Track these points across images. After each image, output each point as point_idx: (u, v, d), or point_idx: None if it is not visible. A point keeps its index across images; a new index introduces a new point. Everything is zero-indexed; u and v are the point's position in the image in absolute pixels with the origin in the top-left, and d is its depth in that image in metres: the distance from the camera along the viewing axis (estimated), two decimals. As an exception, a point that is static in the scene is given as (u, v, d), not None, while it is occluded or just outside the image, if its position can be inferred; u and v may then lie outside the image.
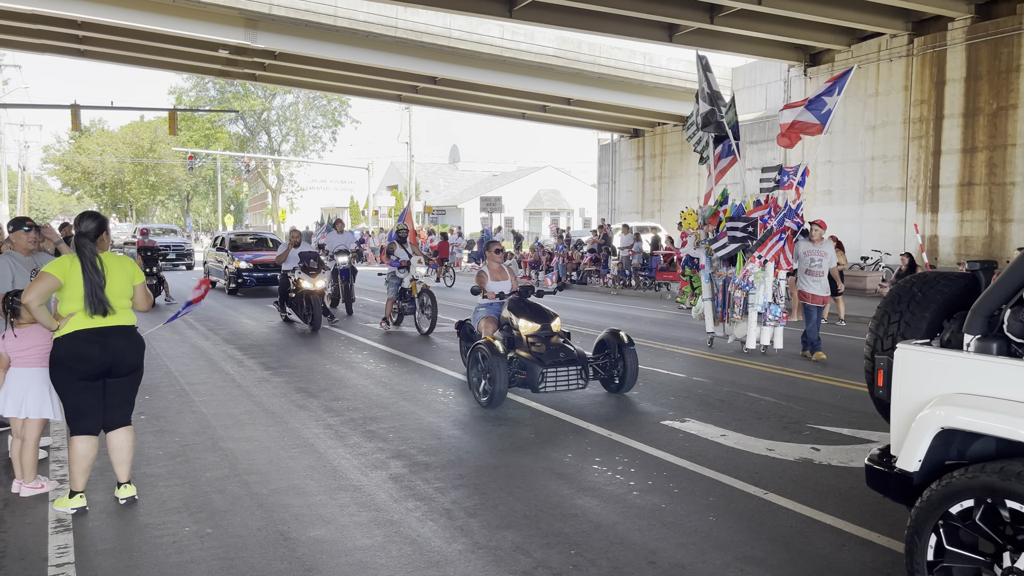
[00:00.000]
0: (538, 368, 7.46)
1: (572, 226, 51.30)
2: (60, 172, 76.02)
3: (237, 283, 19.57)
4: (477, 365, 7.69)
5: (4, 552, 4.37)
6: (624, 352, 7.98)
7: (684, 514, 4.92)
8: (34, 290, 4.71)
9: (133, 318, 5.04)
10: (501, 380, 7.30)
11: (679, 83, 28.63)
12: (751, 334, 10.60)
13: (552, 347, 7.74)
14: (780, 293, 10.61)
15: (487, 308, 8.67)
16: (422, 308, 12.85)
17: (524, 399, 8.03)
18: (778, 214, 10.41)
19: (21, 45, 27.66)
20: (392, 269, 13.18)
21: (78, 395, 4.83)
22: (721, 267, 11.06)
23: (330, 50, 24.64)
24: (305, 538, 4.54)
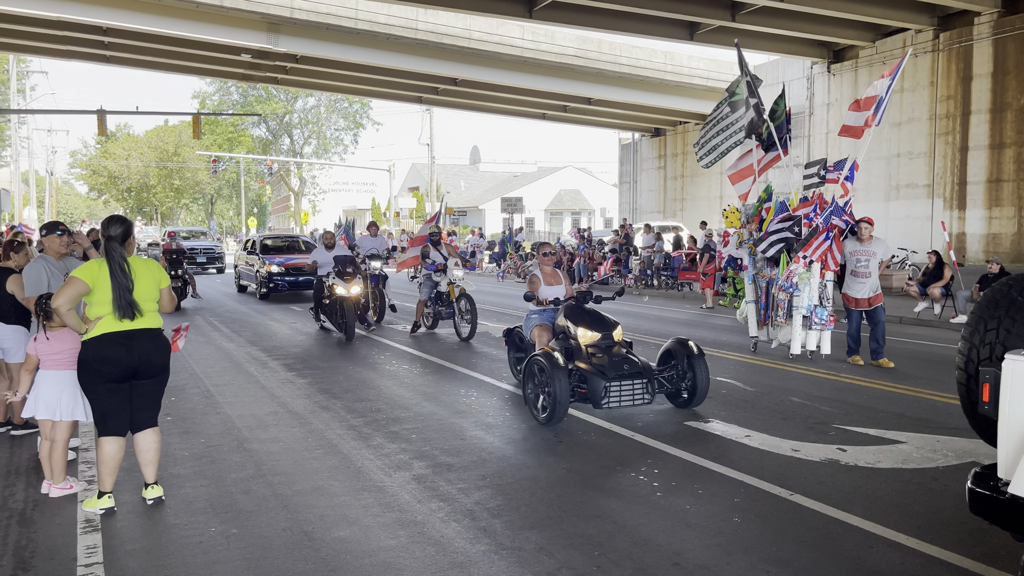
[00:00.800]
0: (600, 382, 6.77)
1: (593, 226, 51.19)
2: (87, 177, 77.06)
3: (268, 287, 19.02)
4: (534, 379, 7.06)
5: (34, 552, 4.43)
6: (694, 363, 7.29)
7: (709, 515, 4.88)
8: (63, 294, 4.77)
9: (159, 321, 5.09)
10: (562, 395, 6.62)
11: (700, 81, 28.48)
12: (795, 339, 10.03)
13: (615, 358, 7.03)
14: (827, 295, 9.96)
15: (540, 315, 8.11)
16: (461, 313, 12.30)
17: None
18: (824, 211, 9.82)
19: (48, 51, 28.10)
20: (428, 272, 12.65)
21: (105, 397, 4.88)
22: (765, 268, 10.51)
23: (351, 53, 24.78)
24: (330, 539, 4.56)
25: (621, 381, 6.82)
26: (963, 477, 5.53)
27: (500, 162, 73.84)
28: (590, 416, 7.35)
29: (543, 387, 6.89)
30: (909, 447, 6.27)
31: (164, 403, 7.87)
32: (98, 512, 4.92)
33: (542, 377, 6.89)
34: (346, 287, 12.34)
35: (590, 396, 6.87)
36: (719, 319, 15.19)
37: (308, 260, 13.88)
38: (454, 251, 13.37)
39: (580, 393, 6.97)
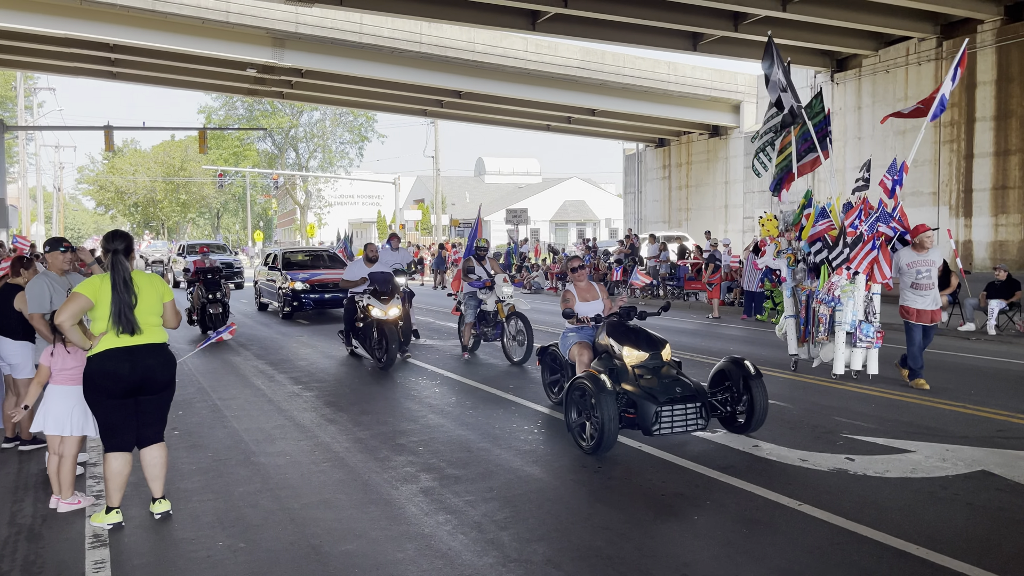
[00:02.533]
0: (651, 406, 6.21)
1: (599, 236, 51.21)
2: (94, 192, 77.53)
3: (292, 306, 17.08)
4: (578, 404, 6.50)
5: (42, 568, 4.44)
6: (751, 385, 6.65)
7: (717, 526, 4.86)
8: (66, 310, 4.79)
9: (164, 336, 5.08)
10: (610, 421, 6.06)
11: (704, 92, 28.55)
12: (839, 357, 9.23)
13: (665, 380, 6.47)
14: (873, 309, 9.19)
15: (578, 332, 7.57)
16: (513, 334, 11.05)
17: (546, 409, 8.00)
18: (869, 217, 8.97)
19: (55, 68, 28.32)
20: (473, 290, 11.53)
21: (110, 412, 4.89)
22: (805, 280, 9.75)
23: (356, 66, 24.92)
24: (337, 552, 4.55)
25: (673, 405, 6.26)
26: (972, 486, 5.51)
27: (505, 173, 74.01)
28: (597, 427, 7.32)
29: (589, 413, 6.34)
30: (918, 456, 6.24)
31: (171, 417, 7.88)
32: (106, 527, 4.93)
33: (587, 402, 6.34)
34: (383, 308, 10.87)
35: (639, 422, 6.31)
36: (728, 329, 15.16)
37: (355, 276, 11.66)
38: (499, 267, 12.20)
39: (627, 418, 6.38)
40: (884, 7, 19.21)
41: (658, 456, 6.36)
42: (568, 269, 8.02)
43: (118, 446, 4.94)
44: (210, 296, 14.13)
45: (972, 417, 7.58)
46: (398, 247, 13.67)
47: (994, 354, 11.58)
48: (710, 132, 31.78)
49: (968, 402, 8.20)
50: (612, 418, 6.07)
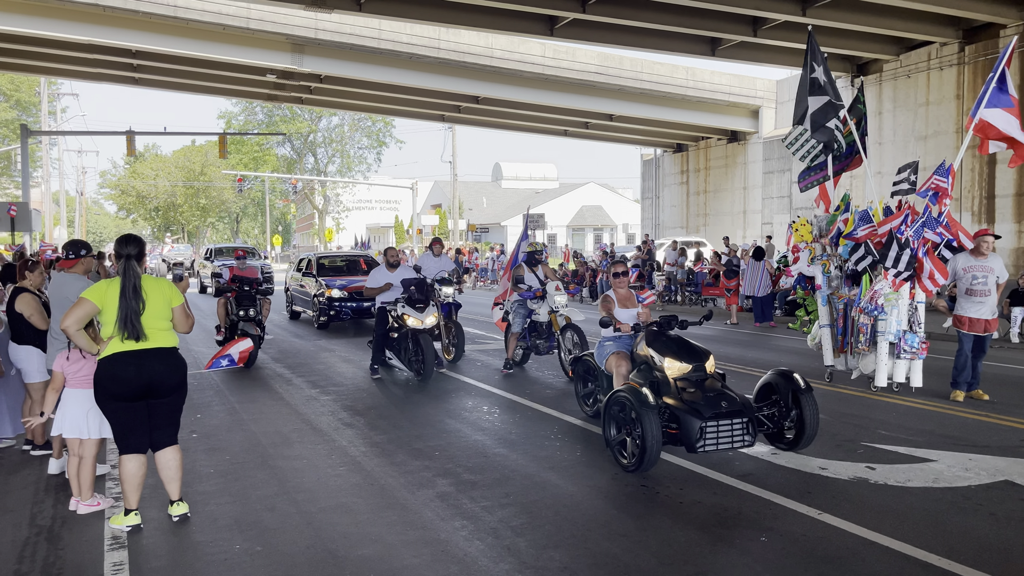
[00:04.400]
0: (695, 421, 5.84)
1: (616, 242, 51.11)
2: (116, 196, 78.32)
3: (328, 315, 15.78)
4: (617, 418, 6.19)
5: (62, 569, 4.47)
6: (800, 399, 6.23)
7: (735, 534, 4.82)
8: (72, 315, 4.82)
9: (173, 340, 5.06)
10: (653, 437, 5.73)
11: (723, 97, 28.45)
12: (881, 369, 8.76)
13: (709, 393, 6.09)
14: (918, 319, 8.75)
15: (615, 342, 7.20)
16: (569, 348, 10.18)
17: (563, 414, 7.98)
18: (915, 223, 8.53)
19: (78, 74, 28.66)
20: (523, 299, 10.63)
21: (121, 416, 4.91)
22: (842, 287, 9.30)
23: (374, 72, 25.04)
24: (353, 556, 4.56)
25: (718, 420, 5.89)
26: (995, 496, 5.43)
27: (522, 179, 74.06)
28: (614, 433, 7.28)
29: (630, 429, 6.02)
30: (940, 465, 6.16)
31: (190, 420, 7.96)
32: (125, 529, 4.96)
33: (628, 417, 6.02)
34: (419, 317, 10.25)
35: (682, 438, 5.93)
36: (746, 336, 15.08)
37: (379, 283, 10.99)
38: (553, 273, 11.13)
39: (669, 434, 6.02)
40: (905, 12, 19.06)
41: (672, 462, 6.32)
42: (613, 275, 7.62)
43: (131, 448, 4.97)
44: (242, 313, 11.61)
45: (995, 426, 7.47)
46: (440, 253, 12.45)
47: (1018, 362, 11.42)
48: (728, 137, 31.65)
49: (991, 411, 8.08)
50: (655, 434, 5.74)
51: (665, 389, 6.23)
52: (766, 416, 6.42)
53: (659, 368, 6.40)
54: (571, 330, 10.13)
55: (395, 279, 10.85)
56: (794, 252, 10.11)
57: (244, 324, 11.51)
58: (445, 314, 11.60)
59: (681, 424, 5.93)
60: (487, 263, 33.87)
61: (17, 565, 4.51)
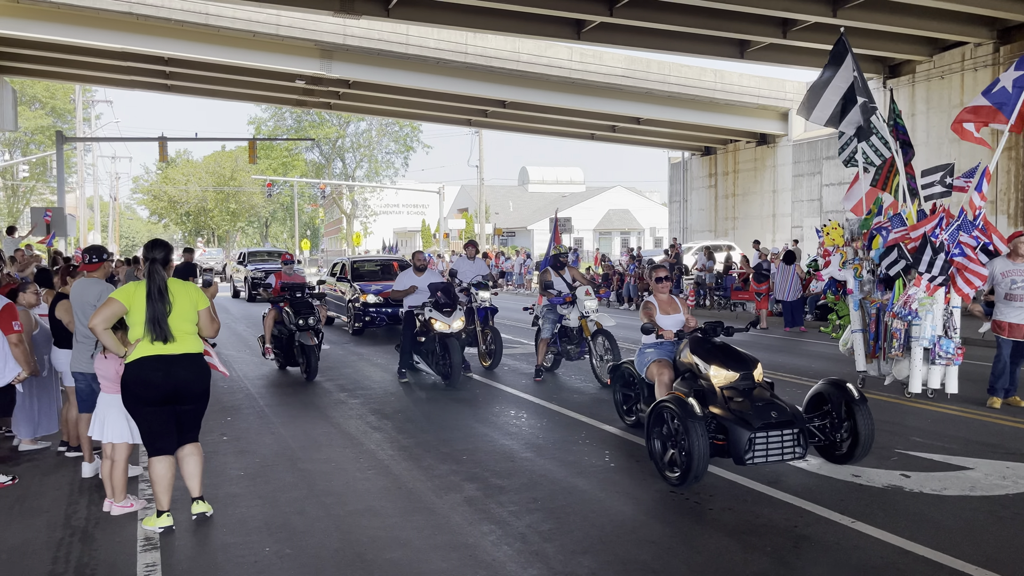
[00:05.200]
0: (744, 432, 5.56)
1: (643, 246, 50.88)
2: (148, 202, 79.50)
3: (364, 321, 15.44)
4: (662, 429, 5.90)
5: (95, 569, 4.53)
6: (854, 410, 5.95)
7: (766, 542, 4.75)
8: (100, 315, 4.90)
9: (199, 345, 5.13)
10: (700, 450, 5.43)
11: (751, 99, 28.20)
12: (915, 375, 8.53)
13: (758, 403, 5.79)
14: (953, 324, 8.54)
15: (656, 349, 6.91)
16: (600, 354, 10.00)
17: (591, 419, 7.94)
18: (950, 226, 8.34)
19: (112, 82, 29.17)
20: (552, 304, 10.44)
21: (149, 419, 4.99)
22: (875, 292, 9.11)
23: (402, 77, 25.16)
24: (381, 560, 4.56)
25: (768, 431, 5.61)
26: (1036, 506, 5.30)
27: (548, 182, 74.02)
28: (642, 439, 7.23)
29: (675, 440, 5.74)
30: (977, 473, 6.04)
31: (220, 423, 8.04)
32: (157, 530, 5.01)
33: (673, 427, 5.75)
34: (446, 321, 10.16)
35: (730, 449, 5.65)
36: (777, 341, 14.92)
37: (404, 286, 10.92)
38: (582, 277, 10.96)
39: (716, 446, 5.73)
40: (938, 12, 18.77)
41: (705, 469, 6.25)
42: (654, 279, 7.29)
43: (160, 450, 5.05)
44: (301, 322, 10.60)
45: (1034, 434, 7.31)
46: (475, 256, 12.31)
47: (1056, 368, 11.16)
48: (757, 140, 31.38)
49: (1029, 418, 7.91)
50: (702, 446, 5.44)
51: (711, 399, 5.94)
52: (817, 427, 6.15)
53: (704, 376, 6.12)
54: (602, 335, 9.95)
55: (422, 283, 10.79)
56: (825, 256, 9.92)
57: (301, 335, 10.51)
58: (481, 319, 11.44)
59: (729, 435, 5.66)
60: (511, 267, 33.86)
61: (52, 565, 4.57)
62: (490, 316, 11.63)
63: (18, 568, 4.55)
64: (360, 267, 17.64)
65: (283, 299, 11.10)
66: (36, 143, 51.72)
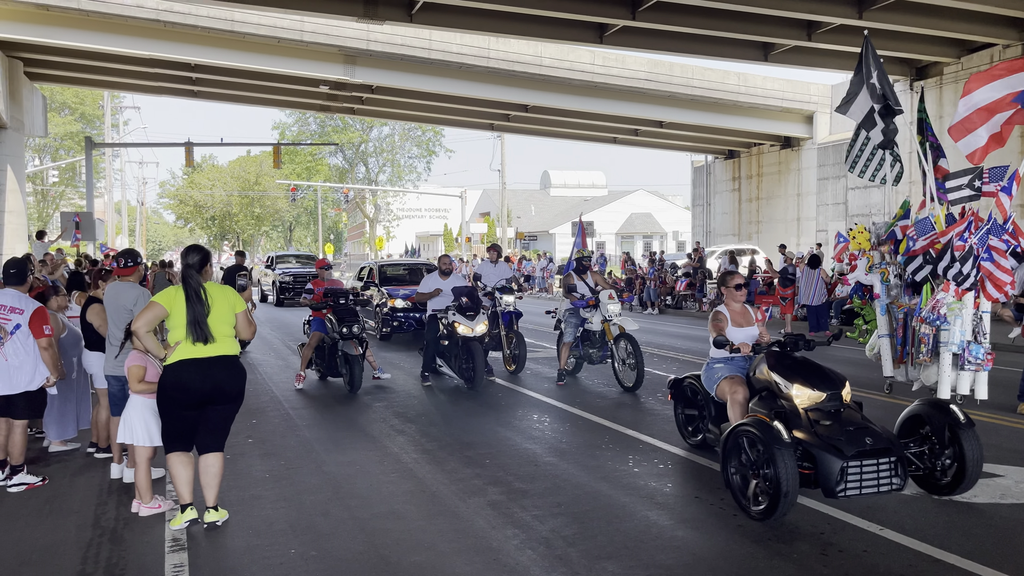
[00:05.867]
0: (835, 461, 4.94)
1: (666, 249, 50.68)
2: (174, 206, 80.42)
3: (392, 326, 15.14)
4: (741, 456, 5.31)
5: (124, 569, 4.58)
6: (960, 436, 5.31)
7: (793, 549, 4.71)
8: (142, 317, 5.01)
9: (236, 347, 5.23)
10: (789, 480, 4.85)
11: (775, 103, 28.01)
12: (944, 381, 8.31)
13: (849, 427, 5.15)
14: (983, 329, 8.31)
15: (727, 364, 6.32)
16: (622, 358, 9.99)
17: (614, 424, 7.92)
18: (979, 230, 8.14)
19: (140, 88, 29.58)
20: (575, 308, 10.39)
21: (177, 420, 5.08)
22: (902, 296, 8.94)
23: (424, 82, 25.28)
24: (406, 563, 4.58)
25: (863, 460, 4.99)
26: (1069, 514, 5.21)
27: (571, 186, 73.97)
28: (667, 445, 7.21)
29: (757, 468, 5.15)
30: (1008, 481, 5.94)
31: (246, 425, 8.11)
32: (184, 526, 5.09)
33: (755, 455, 5.17)
34: (470, 325, 10.18)
35: (819, 480, 5.03)
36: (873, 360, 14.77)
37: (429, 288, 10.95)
38: (604, 281, 10.97)
39: (801, 475, 5.11)
40: (966, 13, 18.53)
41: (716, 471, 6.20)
42: (728, 287, 6.56)
43: (178, 448, 5.13)
44: (345, 330, 10.04)
45: (1066, 441, 7.18)
46: (498, 260, 12.28)
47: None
48: (782, 143, 31.16)
49: (1061, 425, 7.78)
50: (791, 476, 4.88)
51: (794, 421, 5.28)
52: (915, 454, 5.51)
53: (785, 396, 5.47)
54: (624, 339, 9.90)
55: (446, 287, 10.81)
56: (851, 260, 9.79)
57: (344, 344, 9.99)
58: (506, 323, 11.41)
59: (817, 464, 5.02)
60: (531, 271, 33.86)
61: (82, 565, 4.64)
62: (514, 320, 11.57)
63: (49, 567, 4.62)
64: (388, 271, 17.40)
65: (326, 305, 10.53)
66: (66, 148, 52.54)
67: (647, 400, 9.31)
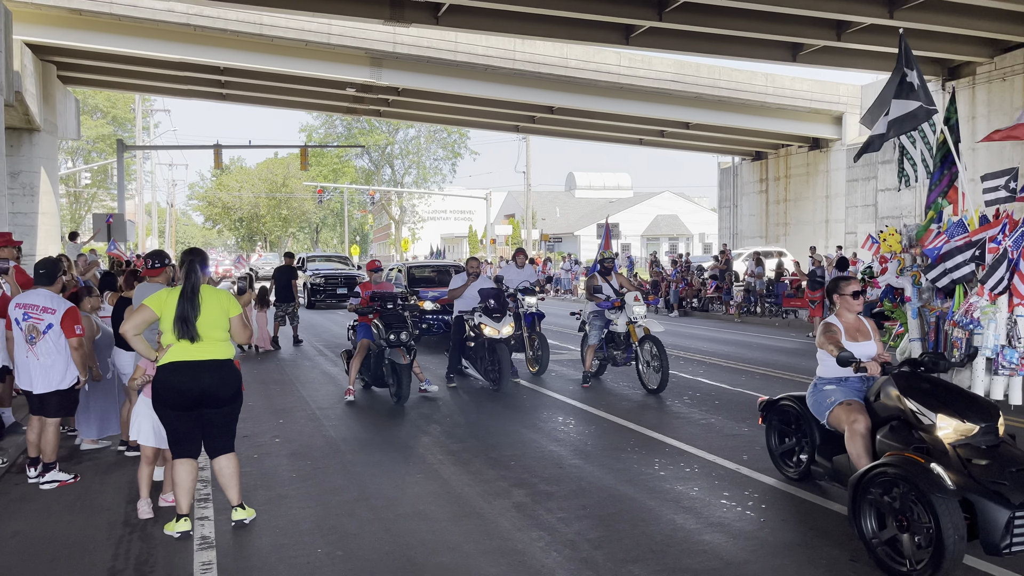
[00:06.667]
0: (1000, 511, 4.08)
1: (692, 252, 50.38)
2: (203, 208, 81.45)
3: (421, 329, 14.64)
4: (885, 505, 4.45)
5: (154, 566, 4.64)
6: None
7: (824, 556, 4.65)
8: (131, 320, 5.02)
9: (229, 351, 5.12)
10: (955, 534, 4.07)
11: (804, 103, 27.74)
12: (977, 386, 8.13)
13: (1011, 466, 4.28)
14: (1017, 333, 8.08)
15: (841, 387, 5.40)
16: (647, 360, 9.95)
17: (639, 426, 7.87)
18: (1014, 232, 7.97)
19: (170, 91, 29.98)
20: (600, 310, 10.38)
21: (174, 423, 5.01)
22: (934, 299, 8.78)
23: (450, 84, 25.37)
24: (432, 564, 4.58)
25: None
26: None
27: (596, 188, 73.79)
28: (693, 448, 7.15)
29: (906, 520, 4.32)
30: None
31: (273, 425, 8.17)
32: (175, 535, 5.01)
33: (904, 503, 4.33)
34: (496, 326, 10.12)
35: (979, 532, 4.15)
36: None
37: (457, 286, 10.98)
38: (629, 282, 10.95)
39: None
40: (999, 12, 18.22)
41: (757, 479, 6.14)
42: (843, 294, 5.63)
43: (182, 453, 5.06)
44: (392, 337, 9.28)
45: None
46: (524, 264, 12.18)
47: None
48: (810, 145, 30.85)
49: (1099, 431, 7.59)
50: (957, 530, 4.07)
51: (941, 460, 4.33)
52: None
53: (925, 428, 4.56)
54: (650, 341, 9.84)
55: (473, 288, 10.81)
56: (882, 263, 9.66)
57: (392, 352, 9.27)
58: (528, 324, 11.35)
59: (978, 513, 4.13)
60: (558, 273, 33.82)
61: (112, 562, 4.70)
62: (537, 322, 11.53)
63: (80, 563, 4.68)
64: (416, 273, 17.06)
65: (372, 310, 9.80)
66: (98, 151, 53.42)
67: (672, 403, 9.25)
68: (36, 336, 6.10)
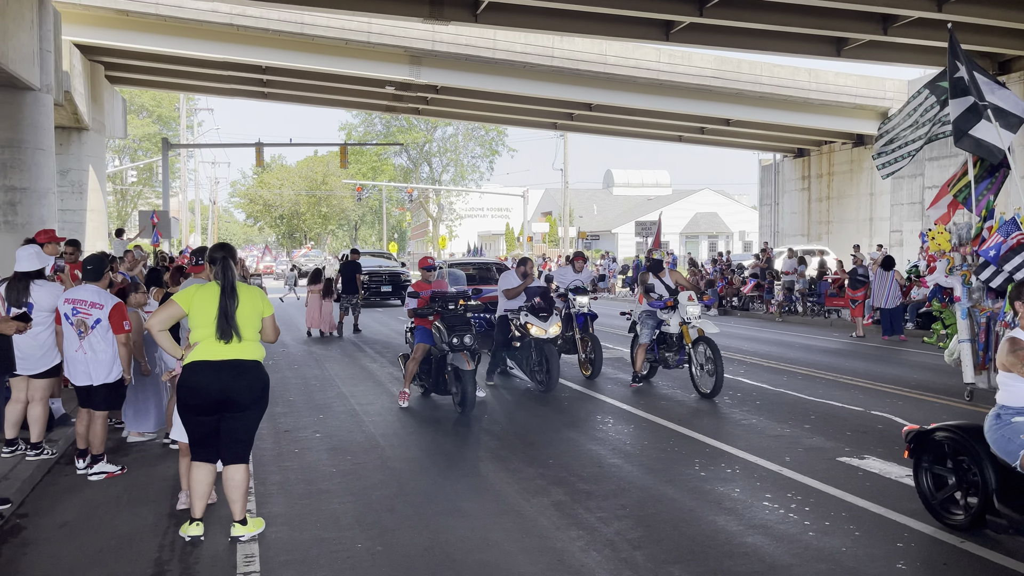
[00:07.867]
0: None
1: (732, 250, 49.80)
2: (245, 205, 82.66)
3: None
4: None
5: (199, 558, 4.71)
6: None
7: (868, 559, 4.55)
8: (157, 316, 4.89)
9: (259, 352, 4.94)
10: None
11: (848, 99, 27.23)
12: None
13: None
14: None
15: None
16: (700, 362, 9.53)
17: (680, 426, 7.79)
18: None
19: (213, 90, 30.49)
20: (652, 309, 10.04)
21: (195, 424, 4.88)
22: (984, 300, 8.56)
23: (488, 82, 25.39)
24: (471, 561, 4.59)
25: None
26: None
27: (634, 185, 73.28)
28: (734, 449, 7.07)
29: None
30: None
31: (313, 420, 8.26)
32: (186, 539, 4.89)
33: None
34: (543, 326, 9.82)
35: None
36: (875, 350, 14.34)
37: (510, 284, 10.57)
38: (685, 281, 10.61)
39: None
40: (1054, 3, 17.70)
41: (800, 481, 6.04)
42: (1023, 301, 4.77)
43: (201, 456, 4.93)
44: (455, 340, 8.56)
45: None
46: (582, 269, 11.66)
47: None
48: (854, 141, 30.28)
49: None
50: None
51: None
52: None
53: None
54: (703, 343, 9.40)
55: None
56: (930, 262, 9.39)
57: (454, 357, 8.54)
58: (580, 325, 10.98)
59: None
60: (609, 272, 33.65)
61: (158, 553, 4.78)
62: (589, 322, 11.08)
63: (127, 553, 4.77)
64: (457, 271, 16.66)
65: (432, 312, 9.07)
66: (143, 149, 54.49)
67: (713, 403, 9.14)
68: (85, 331, 6.23)
